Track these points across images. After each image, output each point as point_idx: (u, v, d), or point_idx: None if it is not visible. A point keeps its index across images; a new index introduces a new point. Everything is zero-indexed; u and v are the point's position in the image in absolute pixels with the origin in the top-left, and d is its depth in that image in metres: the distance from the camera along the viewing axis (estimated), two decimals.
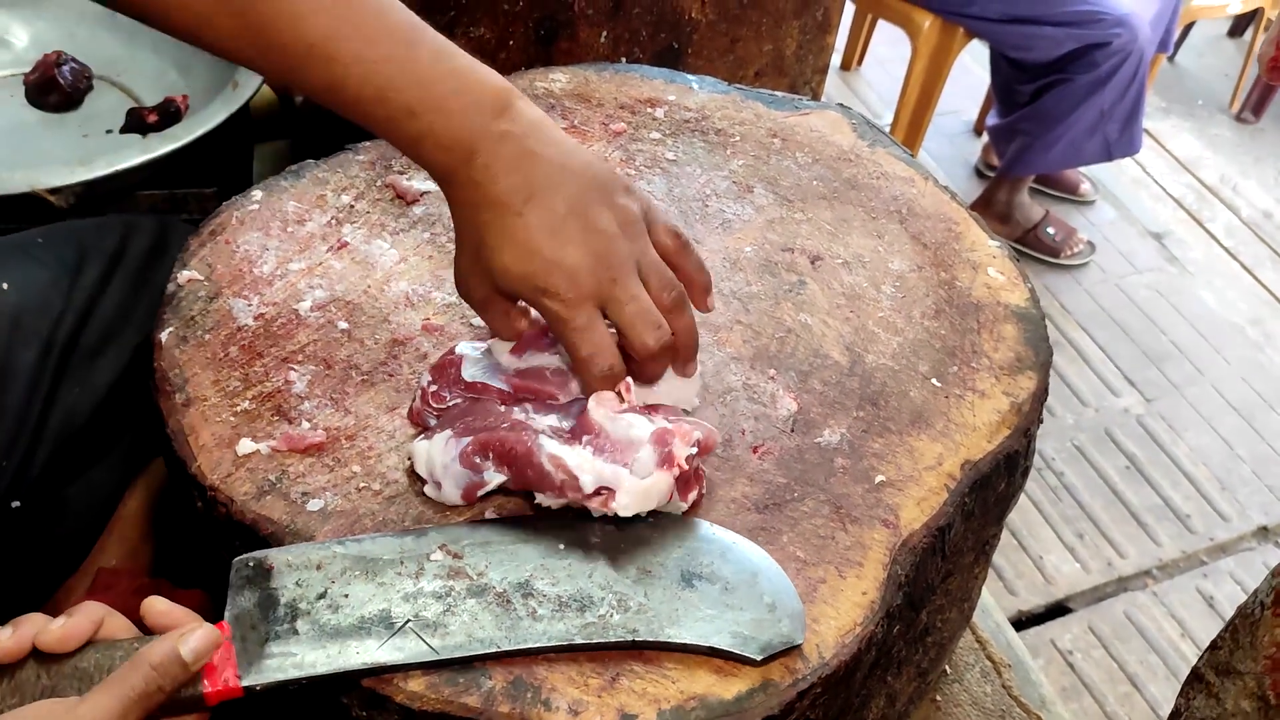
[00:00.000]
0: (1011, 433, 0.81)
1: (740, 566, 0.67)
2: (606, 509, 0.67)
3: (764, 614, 0.65)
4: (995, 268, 0.94)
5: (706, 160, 1.02)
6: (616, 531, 0.69)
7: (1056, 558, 2.04)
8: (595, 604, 0.65)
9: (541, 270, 0.68)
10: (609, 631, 0.63)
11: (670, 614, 0.65)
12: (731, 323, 0.87)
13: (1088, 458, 2.24)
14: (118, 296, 0.91)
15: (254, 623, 0.62)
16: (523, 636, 0.63)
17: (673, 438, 0.68)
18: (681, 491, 0.69)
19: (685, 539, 0.69)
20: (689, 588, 0.66)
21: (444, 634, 0.63)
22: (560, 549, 0.67)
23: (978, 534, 0.86)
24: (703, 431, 0.70)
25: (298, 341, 0.81)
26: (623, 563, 0.67)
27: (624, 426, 0.69)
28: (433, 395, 0.75)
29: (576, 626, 0.64)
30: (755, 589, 0.66)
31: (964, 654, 1.16)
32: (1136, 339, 2.55)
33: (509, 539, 0.68)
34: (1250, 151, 3.23)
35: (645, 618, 0.64)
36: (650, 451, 0.68)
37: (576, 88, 1.08)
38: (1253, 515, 2.17)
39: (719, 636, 0.64)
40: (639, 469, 0.68)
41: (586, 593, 0.65)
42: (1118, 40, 2.26)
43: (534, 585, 0.65)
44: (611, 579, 0.66)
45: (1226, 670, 0.75)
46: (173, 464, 0.75)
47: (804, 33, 1.53)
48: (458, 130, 0.67)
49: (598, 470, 0.67)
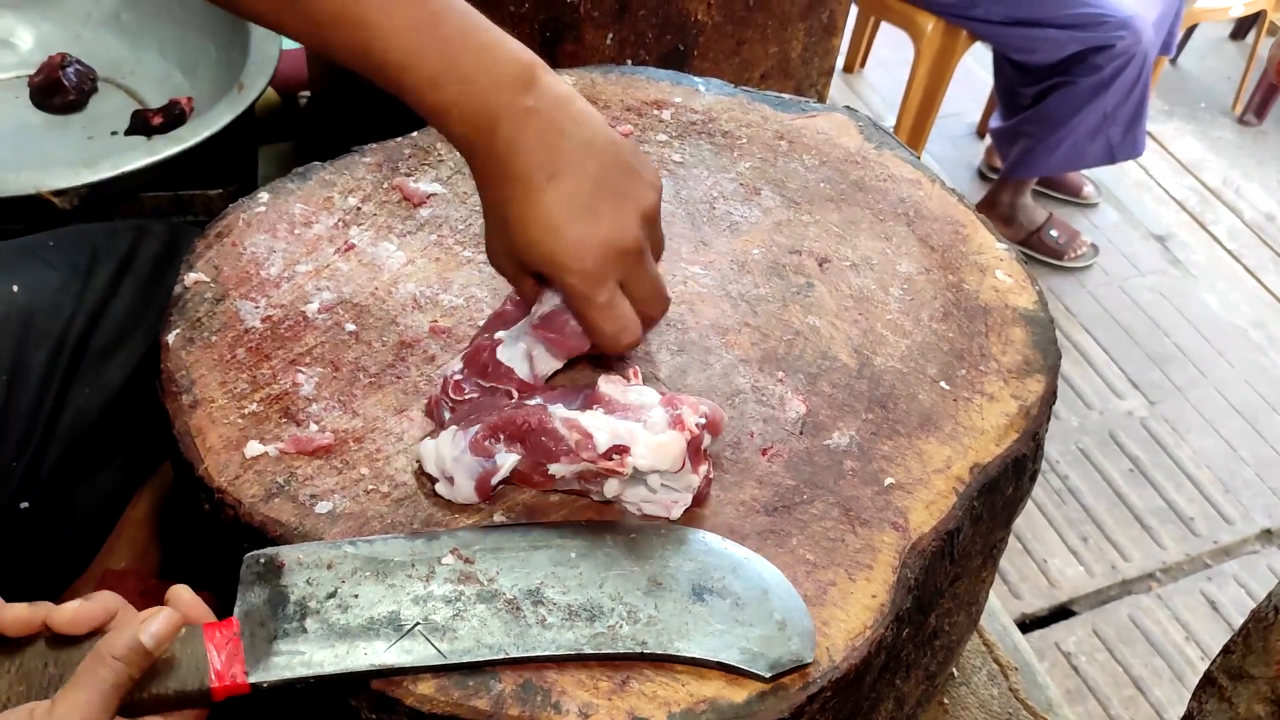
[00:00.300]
0: (1020, 436, 0.81)
1: (751, 582, 0.67)
2: (622, 470, 0.67)
3: (774, 631, 0.65)
4: (1003, 270, 0.94)
5: (713, 162, 1.02)
6: (628, 541, 0.68)
7: (1061, 560, 2.04)
8: (605, 614, 0.64)
9: (563, 248, 0.68)
10: (618, 643, 0.63)
11: (680, 627, 0.64)
12: (740, 325, 0.87)
13: (1092, 460, 2.24)
14: (128, 300, 0.91)
15: (263, 619, 0.62)
16: (531, 644, 0.63)
17: (681, 404, 0.70)
18: (693, 462, 0.69)
19: (697, 552, 0.68)
20: (699, 601, 0.66)
21: (452, 638, 0.62)
22: (572, 557, 0.67)
23: (986, 537, 0.86)
24: (709, 406, 0.71)
25: (305, 344, 0.81)
26: (634, 574, 0.67)
27: (634, 395, 0.71)
28: (454, 386, 0.75)
29: (585, 636, 0.63)
30: (766, 605, 0.66)
31: (971, 657, 1.15)
32: (1140, 342, 2.54)
33: (521, 545, 0.68)
34: (1253, 154, 3.23)
35: (654, 630, 0.64)
36: (662, 413, 0.69)
37: (583, 90, 1.08)
38: (1256, 518, 2.16)
39: (728, 652, 0.63)
40: (653, 427, 0.68)
41: (597, 602, 0.65)
42: (1121, 43, 2.26)
43: (544, 593, 0.65)
44: (622, 589, 0.66)
45: (1239, 674, 0.74)
46: (180, 466, 0.75)
47: (809, 35, 1.53)
48: (481, 104, 0.67)
49: (612, 427, 0.68)
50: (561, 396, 0.75)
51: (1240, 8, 2.94)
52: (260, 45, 1.41)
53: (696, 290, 0.89)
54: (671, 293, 0.88)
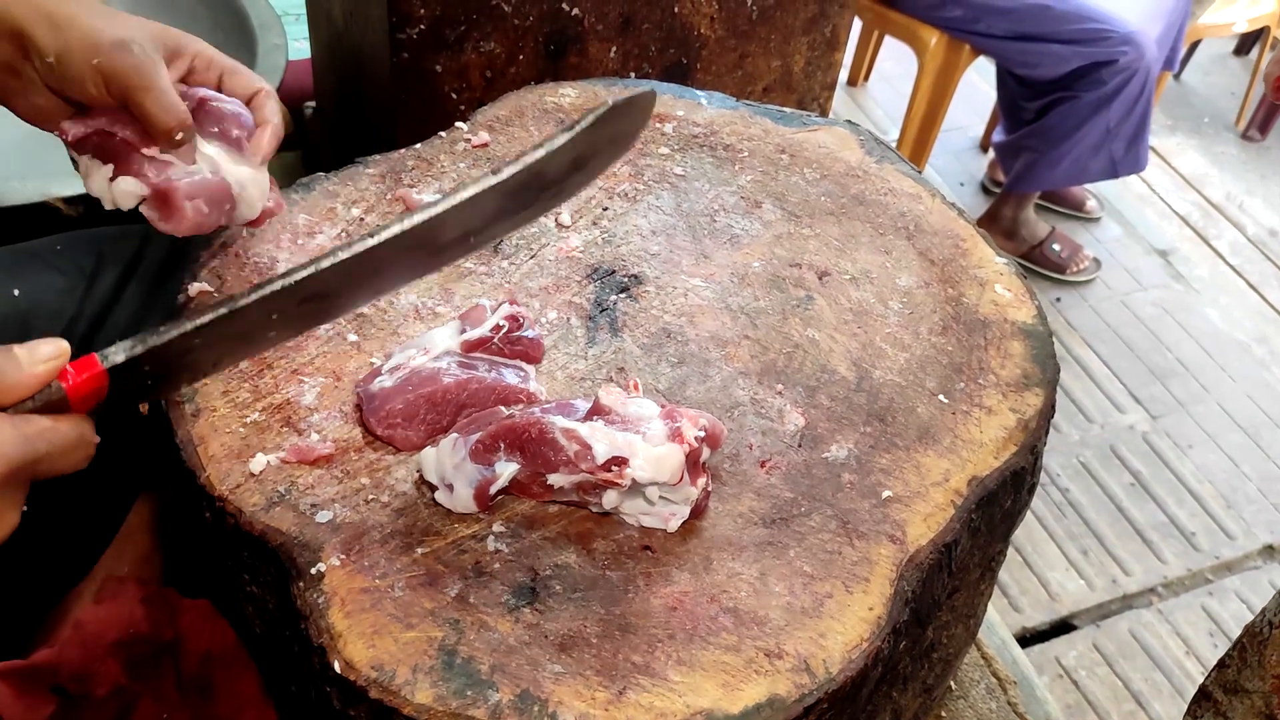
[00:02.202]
0: (1018, 450, 0.81)
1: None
2: (620, 482, 0.68)
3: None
4: (1002, 284, 0.94)
5: (715, 175, 1.03)
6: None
7: (1061, 574, 2.03)
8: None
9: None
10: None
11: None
12: (739, 337, 0.87)
13: (1093, 474, 2.24)
14: (133, 305, 0.92)
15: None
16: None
17: (681, 417, 0.70)
18: (691, 475, 0.69)
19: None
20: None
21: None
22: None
23: (984, 550, 0.86)
24: (709, 420, 0.72)
25: (307, 354, 0.82)
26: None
27: (634, 407, 0.71)
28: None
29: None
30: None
31: (969, 670, 1.15)
32: (1142, 356, 2.54)
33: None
34: (1256, 169, 3.24)
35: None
36: (661, 425, 0.70)
37: (586, 102, 1.09)
38: (1258, 534, 2.16)
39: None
40: (651, 439, 0.69)
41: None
42: (1124, 58, 2.27)
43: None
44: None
45: (1234, 689, 0.75)
46: (182, 474, 0.75)
47: (812, 49, 1.54)
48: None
49: (611, 438, 0.68)
50: (562, 408, 0.75)
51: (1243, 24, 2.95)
52: (266, 56, 1.42)
53: (697, 302, 0.90)
54: (672, 305, 0.89)
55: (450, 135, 1.04)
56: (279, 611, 0.72)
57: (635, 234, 0.95)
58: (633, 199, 0.99)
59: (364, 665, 0.63)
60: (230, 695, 0.86)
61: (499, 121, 1.06)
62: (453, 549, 0.70)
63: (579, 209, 0.97)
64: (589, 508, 0.73)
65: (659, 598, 0.69)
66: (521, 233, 0.94)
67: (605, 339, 0.86)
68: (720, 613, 0.68)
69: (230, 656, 0.86)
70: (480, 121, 1.06)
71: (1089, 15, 2.26)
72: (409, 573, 0.68)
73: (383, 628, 0.65)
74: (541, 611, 0.67)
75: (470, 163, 1.01)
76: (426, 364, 0.77)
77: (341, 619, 0.65)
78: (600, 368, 0.83)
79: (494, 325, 0.79)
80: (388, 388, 0.76)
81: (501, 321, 0.79)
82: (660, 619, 0.67)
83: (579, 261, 0.92)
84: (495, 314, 0.80)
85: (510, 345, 0.80)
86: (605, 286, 0.90)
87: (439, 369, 0.76)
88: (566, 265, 0.92)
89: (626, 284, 0.91)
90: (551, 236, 0.94)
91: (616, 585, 0.69)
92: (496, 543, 0.70)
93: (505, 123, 1.06)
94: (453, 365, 0.77)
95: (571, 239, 0.94)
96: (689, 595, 0.69)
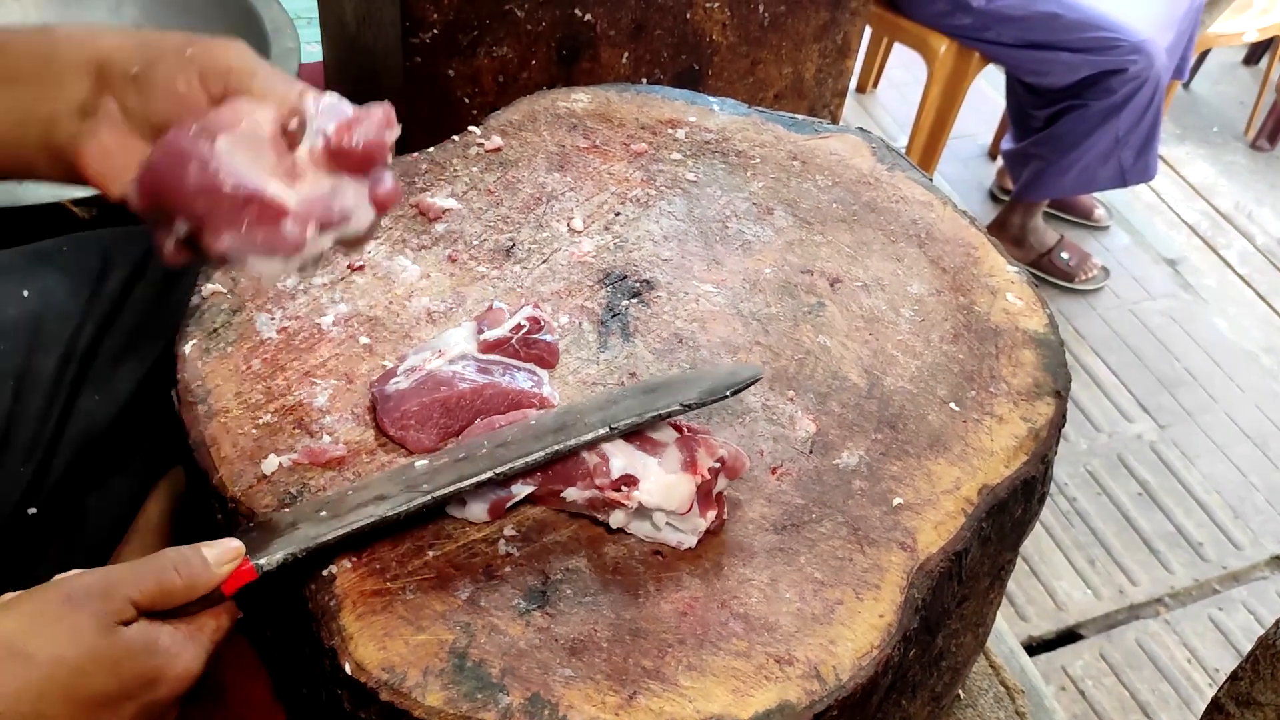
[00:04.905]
0: (1029, 459, 0.81)
1: (690, 372, 0.78)
2: (626, 503, 0.68)
3: (725, 377, 0.76)
4: (1014, 293, 0.94)
5: (727, 182, 1.03)
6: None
7: (1068, 584, 2.03)
8: (569, 426, 0.72)
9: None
10: (585, 431, 0.70)
11: (644, 404, 0.72)
12: (751, 344, 0.87)
13: (1100, 484, 2.23)
14: (140, 305, 0.92)
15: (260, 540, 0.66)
16: (506, 461, 0.69)
17: (698, 447, 0.70)
18: (701, 506, 0.69)
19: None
20: (652, 391, 0.75)
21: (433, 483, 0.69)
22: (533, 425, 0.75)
23: (994, 559, 0.86)
24: (728, 451, 0.71)
25: (320, 356, 0.82)
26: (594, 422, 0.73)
27: (658, 430, 0.72)
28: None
29: (555, 440, 0.70)
30: (710, 371, 0.76)
31: (978, 679, 1.15)
32: (1150, 365, 2.54)
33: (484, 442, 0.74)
34: (1265, 179, 3.23)
35: (616, 409, 0.72)
36: (675, 453, 0.70)
37: (598, 108, 1.09)
38: (1266, 544, 2.15)
39: (692, 394, 0.73)
40: (666, 464, 0.70)
41: (562, 421, 0.73)
42: (1134, 67, 2.27)
43: (508, 437, 0.73)
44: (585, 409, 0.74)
45: (1247, 701, 0.74)
46: (194, 475, 0.76)
47: (823, 56, 1.54)
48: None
49: (630, 455, 0.69)
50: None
51: (1254, 33, 2.94)
52: (278, 60, 1.42)
53: (708, 308, 0.90)
54: (683, 310, 0.89)
55: (463, 139, 1.04)
56: (290, 614, 0.72)
57: (647, 239, 0.96)
58: (645, 204, 0.99)
59: (375, 667, 0.63)
60: (240, 699, 0.87)
61: (511, 126, 1.06)
62: (464, 552, 0.70)
63: (591, 214, 0.97)
64: (598, 523, 0.73)
65: (669, 603, 0.69)
66: (533, 237, 0.94)
67: (617, 344, 0.86)
68: (731, 618, 0.68)
69: (240, 660, 0.86)
70: (493, 126, 1.06)
71: (1099, 24, 2.26)
72: (420, 575, 0.68)
73: (394, 630, 0.65)
74: (552, 615, 0.67)
75: (483, 167, 1.01)
76: (443, 367, 0.77)
77: (353, 621, 0.66)
78: (612, 372, 0.84)
79: (514, 325, 0.80)
80: (403, 389, 0.76)
81: (523, 321, 0.80)
82: (671, 624, 0.67)
83: (591, 266, 0.93)
84: (517, 314, 0.80)
85: (527, 348, 0.80)
86: (617, 291, 0.90)
87: (455, 373, 0.77)
88: (579, 270, 0.92)
89: (638, 289, 0.91)
90: (564, 241, 0.95)
91: (627, 590, 0.69)
92: (508, 546, 0.71)
93: (518, 127, 1.06)
94: (469, 369, 0.77)
95: (583, 244, 0.94)
96: (699, 600, 0.69)
